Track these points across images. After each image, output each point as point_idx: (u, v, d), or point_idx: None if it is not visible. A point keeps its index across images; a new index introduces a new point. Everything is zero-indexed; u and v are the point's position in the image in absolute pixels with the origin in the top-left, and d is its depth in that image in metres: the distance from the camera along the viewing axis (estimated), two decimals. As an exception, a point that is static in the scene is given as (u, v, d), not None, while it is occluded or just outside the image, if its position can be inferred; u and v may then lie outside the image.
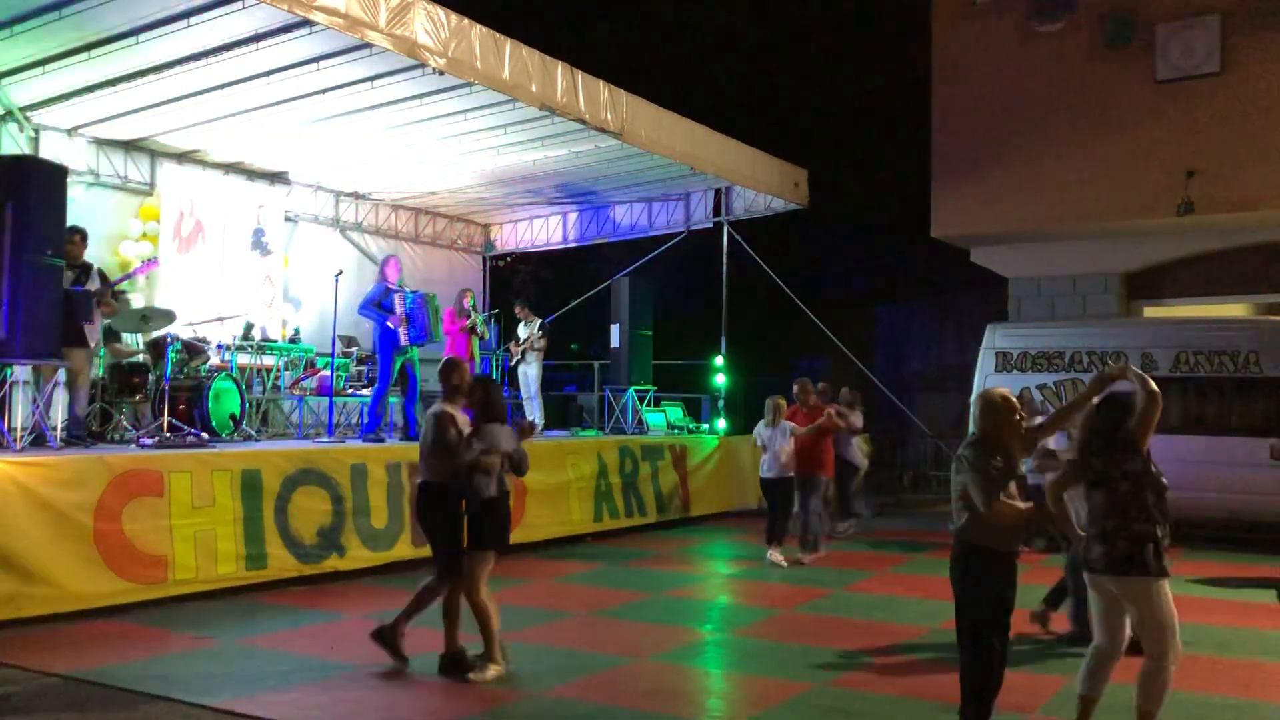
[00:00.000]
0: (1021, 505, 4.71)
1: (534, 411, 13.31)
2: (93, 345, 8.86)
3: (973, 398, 7.20)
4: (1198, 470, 11.54)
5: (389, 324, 10.27)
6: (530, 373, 13.51)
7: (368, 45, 8.94)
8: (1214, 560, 10.70)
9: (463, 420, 6.19)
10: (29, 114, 10.78)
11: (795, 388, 10.77)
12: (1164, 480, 4.69)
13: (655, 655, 6.68)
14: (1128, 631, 4.77)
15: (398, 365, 10.36)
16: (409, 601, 6.20)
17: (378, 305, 10.32)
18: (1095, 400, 4.91)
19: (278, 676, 5.90)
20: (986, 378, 13.37)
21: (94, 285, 8.83)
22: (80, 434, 8.58)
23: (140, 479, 7.53)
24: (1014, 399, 4.82)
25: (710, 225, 16.07)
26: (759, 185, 14.67)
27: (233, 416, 10.06)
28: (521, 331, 13.62)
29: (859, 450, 12.79)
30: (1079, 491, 4.91)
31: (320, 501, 8.75)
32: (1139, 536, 4.59)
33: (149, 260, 11.00)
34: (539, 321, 13.71)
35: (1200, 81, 14.25)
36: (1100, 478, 4.73)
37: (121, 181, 12.10)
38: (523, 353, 13.43)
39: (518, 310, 13.85)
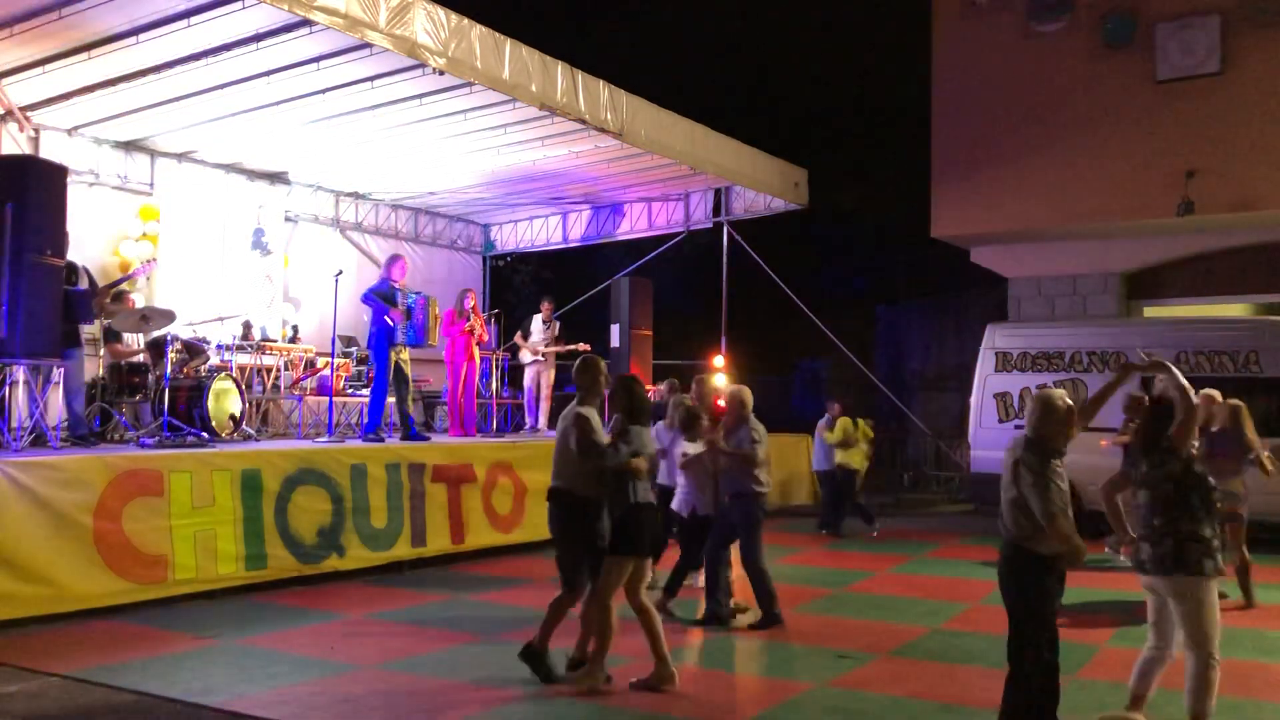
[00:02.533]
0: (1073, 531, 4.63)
1: (542, 414, 13.24)
2: (84, 344, 8.88)
3: (970, 397, 7.21)
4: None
5: (388, 318, 10.27)
6: (548, 376, 13.44)
7: (368, 45, 8.94)
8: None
9: (597, 422, 5.95)
10: (29, 114, 10.78)
11: (695, 388, 9.64)
12: (1210, 481, 4.79)
13: (655, 655, 6.67)
14: (1178, 633, 4.81)
15: (393, 363, 10.36)
16: (544, 619, 5.97)
17: (380, 296, 10.34)
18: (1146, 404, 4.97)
19: (278, 676, 5.90)
20: (986, 378, 13.38)
21: (83, 285, 8.83)
22: (82, 432, 8.59)
23: (140, 479, 7.53)
24: (1071, 402, 4.75)
25: (710, 225, 16.08)
26: (759, 185, 14.67)
27: (233, 416, 10.06)
28: (536, 330, 13.42)
29: None
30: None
31: (320, 501, 8.75)
32: (1184, 536, 4.67)
33: (147, 261, 10.99)
34: (555, 323, 13.63)
35: (1200, 81, 14.25)
36: (1145, 480, 4.82)
37: (121, 181, 12.09)
38: (549, 355, 13.26)
39: (544, 306, 13.65)
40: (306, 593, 8.32)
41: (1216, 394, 9.43)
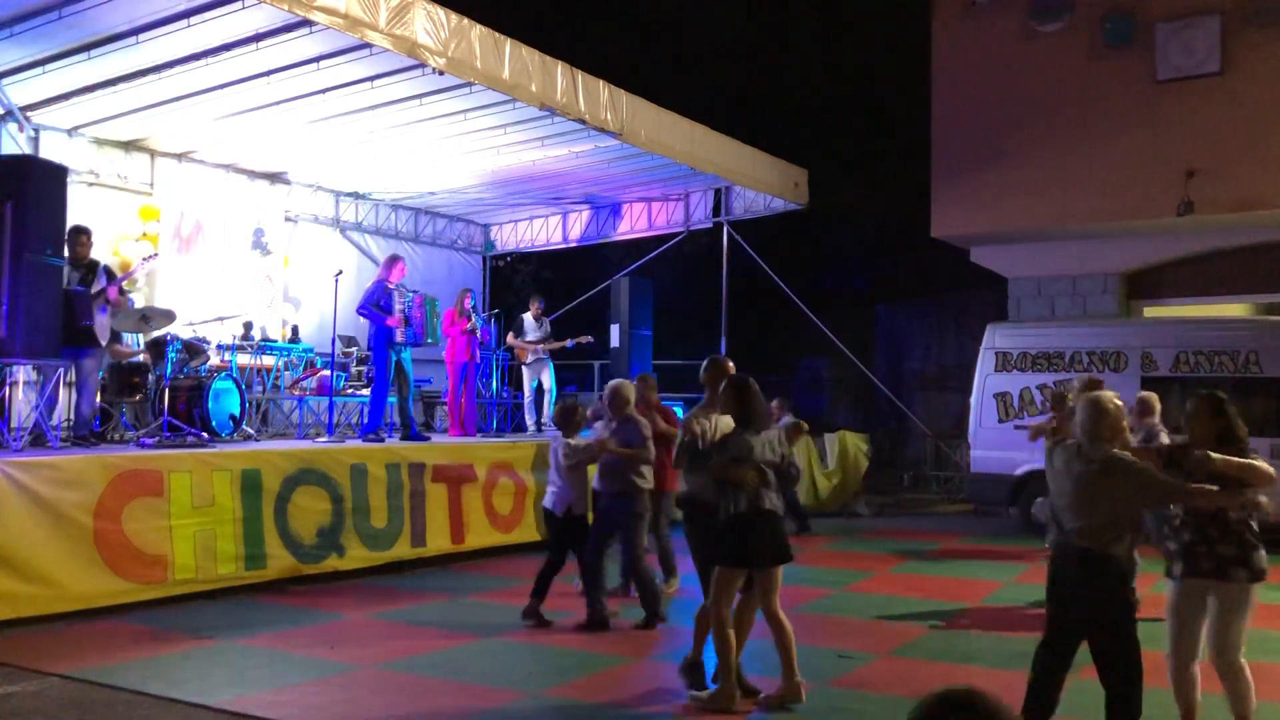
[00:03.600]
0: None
1: (546, 413, 13.20)
2: (104, 344, 8.88)
3: (970, 397, 7.18)
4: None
5: (387, 323, 10.27)
6: (547, 375, 13.40)
7: (368, 45, 8.93)
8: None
9: (722, 426, 5.72)
10: (29, 114, 10.78)
11: (637, 385, 8.90)
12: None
13: (655, 655, 6.68)
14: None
15: (393, 363, 10.36)
16: (694, 631, 5.85)
17: (376, 305, 10.32)
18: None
19: (278, 676, 5.90)
20: (986, 377, 13.37)
21: (100, 283, 8.83)
22: (85, 434, 8.59)
23: (140, 479, 7.53)
24: (1120, 402, 4.70)
25: (710, 225, 16.08)
26: (759, 185, 14.66)
27: (233, 416, 10.06)
28: (530, 329, 13.38)
29: None
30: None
31: (320, 501, 8.75)
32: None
33: (147, 256, 10.92)
34: (546, 322, 13.60)
35: (1200, 81, 14.25)
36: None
37: (121, 181, 12.09)
38: (548, 352, 13.22)
39: (534, 305, 13.59)
40: (306, 593, 8.33)
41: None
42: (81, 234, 8.76)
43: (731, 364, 6.02)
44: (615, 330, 14.61)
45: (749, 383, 5.70)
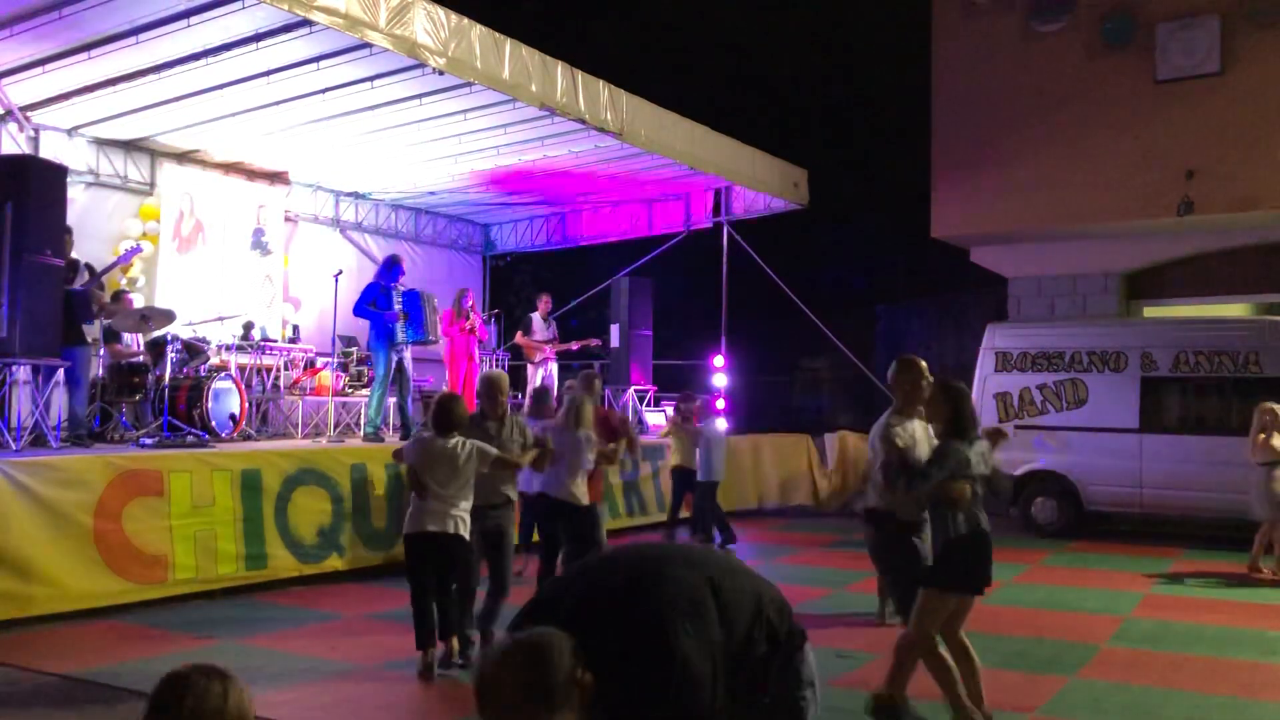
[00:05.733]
0: None
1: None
2: (90, 343, 8.87)
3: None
4: (1198, 470, 11.55)
5: (385, 318, 10.24)
6: (554, 375, 13.42)
7: (368, 45, 8.94)
8: (1214, 560, 10.71)
9: (917, 434, 5.27)
10: (29, 114, 10.78)
11: (581, 383, 8.41)
12: None
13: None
14: None
15: (394, 362, 10.34)
16: (892, 662, 5.15)
17: (373, 304, 10.30)
18: None
19: (278, 676, 5.90)
20: (986, 378, 13.37)
21: (82, 280, 8.83)
22: (81, 433, 8.59)
23: (140, 479, 7.53)
24: None
25: (710, 225, 16.08)
26: (759, 185, 14.67)
27: (232, 416, 10.06)
28: (538, 328, 13.32)
29: None
30: None
31: (320, 501, 8.76)
32: None
33: (131, 249, 10.80)
34: (553, 321, 13.56)
35: (1200, 81, 14.25)
36: None
37: (121, 181, 12.09)
38: (555, 353, 13.15)
39: (542, 303, 13.51)
40: (306, 593, 8.33)
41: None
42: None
43: (924, 364, 5.44)
44: (615, 330, 14.62)
45: (961, 387, 5.19)
